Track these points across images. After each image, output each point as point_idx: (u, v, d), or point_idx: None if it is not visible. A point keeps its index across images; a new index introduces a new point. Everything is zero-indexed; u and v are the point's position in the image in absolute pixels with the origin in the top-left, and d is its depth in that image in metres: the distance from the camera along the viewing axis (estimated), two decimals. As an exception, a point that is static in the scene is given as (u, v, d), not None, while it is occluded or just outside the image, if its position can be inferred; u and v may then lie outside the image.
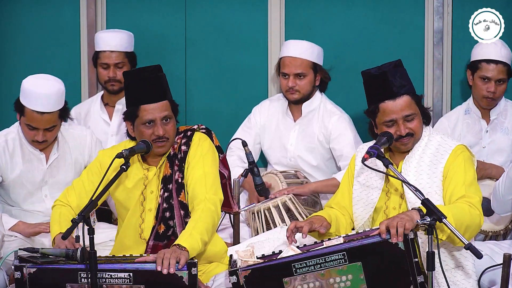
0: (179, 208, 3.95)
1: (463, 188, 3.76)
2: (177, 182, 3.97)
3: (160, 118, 3.91)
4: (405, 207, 3.85)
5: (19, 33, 5.81)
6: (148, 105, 3.91)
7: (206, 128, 4.10)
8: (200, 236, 3.70)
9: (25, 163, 4.53)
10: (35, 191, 4.58)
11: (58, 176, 4.58)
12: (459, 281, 3.81)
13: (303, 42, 5.19)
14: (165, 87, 3.99)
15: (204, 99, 5.75)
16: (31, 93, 4.36)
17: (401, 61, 3.94)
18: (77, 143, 4.62)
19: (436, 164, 3.85)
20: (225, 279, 3.75)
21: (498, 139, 5.00)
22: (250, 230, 4.80)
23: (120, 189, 4.03)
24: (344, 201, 4.03)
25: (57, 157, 4.57)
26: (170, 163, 3.99)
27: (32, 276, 3.55)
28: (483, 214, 3.75)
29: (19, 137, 4.54)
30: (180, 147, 3.99)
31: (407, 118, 3.83)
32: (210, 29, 5.73)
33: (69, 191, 4.06)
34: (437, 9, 5.48)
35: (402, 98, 3.82)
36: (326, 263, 3.46)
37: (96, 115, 5.42)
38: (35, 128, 4.40)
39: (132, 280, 3.53)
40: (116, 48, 5.32)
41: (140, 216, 4.01)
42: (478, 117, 5.04)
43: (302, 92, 5.15)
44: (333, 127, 5.14)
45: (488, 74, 4.94)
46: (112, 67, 5.29)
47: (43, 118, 4.37)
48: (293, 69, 5.13)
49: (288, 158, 5.24)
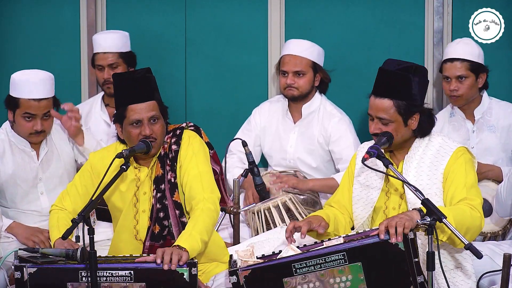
0: (174, 208, 3.95)
1: (464, 191, 3.76)
2: (170, 182, 3.96)
3: (147, 118, 3.90)
4: (405, 207, 3.85)
5: (19, 33, 5.81)
6: (136, 105, 3.90)
7: (194, 125, 4.11)
8: (200, 236, 3.69)
9: (16, 162, 4.55)
10: (30, 189, 4.59)
11: (50, 170, 4.60)
12: (459, 282, 3.81)
13: (304, 41, 5.19)
14: (153, 87, 3.98)
15: (204, 99, 5.75)
16: (24, 83, 4.42)
17: (425, 71, 3.88)
18: (58, 134, 4.67)
19: (437, 165, 3.85)
20: (225, 279, 3.75)
21: (486, 138, 5.00)
22: (250, 230, 4.80)
23: (114, 192, 4.03)
24: (344, 200, 4.03)
25: (46, 151, 4.60)
26: (161, 163, 3.98)
27: (32, 276, 3.55)
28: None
29: (8, 137, 4.56)
30: (171, 146, 3.99)
31: (381, 120, 3.83)
32: (210, 29, 5.73)
33: (64, 195, 4.08)
34: (437, 9, 5.48)
35: (382, 100, 3.80)
36: (326, 263, 3.46)
37: (96, 116, 5.42)
38: (32, 118, 4.45)
39: (133, 278, 3.53)
40: (109, 49, 5.32)
41: (134, 217, 4.01)
42: (462, 118, 5.05)
43: (300, 90, 5.14)
44: (333, 129, 5.13)
45: (446, 73, 4.99)
46: (107, 68, 5.30)
47: (40, 104, 4.44)
48: (292, 67, 5.12)
49: (287, 160, 5.24)
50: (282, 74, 5.17)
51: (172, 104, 5.57)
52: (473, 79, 4.94)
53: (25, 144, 4.56)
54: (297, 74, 5.13)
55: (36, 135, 4.50)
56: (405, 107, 3.80)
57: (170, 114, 4.08)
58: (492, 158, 4.97)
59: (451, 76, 4.95)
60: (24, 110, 4.44)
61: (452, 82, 4.94)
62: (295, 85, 5.12)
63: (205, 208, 3.81)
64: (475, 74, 4.94)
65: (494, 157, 4.98)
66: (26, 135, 4.52)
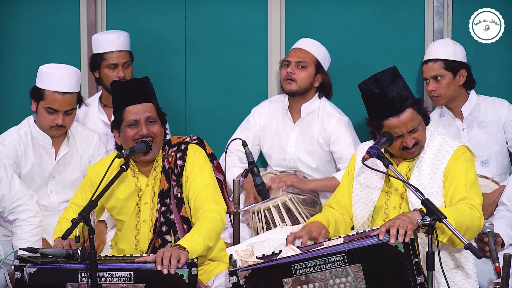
0: (182, 223, 3.97)
1: (464, 190, 3.77)
2: (176, 197, 3.98)
3: (144, 118, 3.92)
4: (406, 206, 3.85)
5: (19, 33, 5.81)
6: (132, 106, 3.93)
7: (198, 138, 4.13)
8: (202, 239, 3.70)
9: (36, 157, 4.59)
10: (42, 185, 4.63)
11: (65, 173, 4.64)
12: (459, 281, 3.81)
13: (315, 41, 5.21)
14: (149, 91, 4.01)
15: (204, 99, 5.75)
16: (51, 74, 4.51)
17: (396, 69, 3.90)
18: (84, 141, 4.71)
19: (438, 164, 3.85)
20: (225, 279, 3.75)
21: (476, 134, 5.01)
22: (250, 230, 4.80)
23: (112, 200, 4.04)
24: (344, 200, 4.03)
25: (66, 152, 4.64)
26: (166, 177, 3.99)
27: (32, 276, 3.55)
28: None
29: (30, 131, 4.61)
30: (176, 161, 4.00)
31: (412, 130, 3.84)
32: (210, 29, 5.73)
33: (68, 210, 4.12)
34: (437, 9, 5.48)
35: (405, 113, 3.83)
36: (326, 264, 3.46)
37: (94, 116, 5.42)
38: (55, 112, 4.50)
39: (132, 279, 3.53)
40: (123, 48, 5.32)
41: (135, 227, 4.01)
42: (451, 117, 5.06)
43: (299, 83, 5.12)
44: (332, 129, 5.13)
45: (424, 75, 5.03)
46: (121, 67, 5.30)
47: (64, 99, 4.50)
48: (295, 57, 5.13)
49: (287, 160, 5.24)
50: (285, 66, 5.16)
51: (172, 104, 5.59)
52: (450, 77, 4.95)
53: (46, 140, 4.61)
54: (299, 66, 5.12)
55: (56, 128, 4.55)
56: (419, 106, 3.87)
57: (170, 115, 4.08)
58: (484, 154, 4.98)
59: (428, 77, 4.98)
60: (48, 103, 4.50)
61: (430, 83, 4.97)
62: (295, 76, 5.11)
63: (210, 216, 3.84)
64: (452, 72, 4.95)
65: (487, 152, 4.99)
66: (47, 128, 4.57)
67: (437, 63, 4.95)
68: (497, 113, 5.00)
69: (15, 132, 4.62)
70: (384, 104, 3.82)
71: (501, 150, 5.01)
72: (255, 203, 4.83)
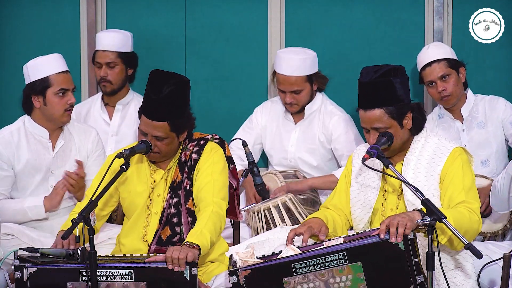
0: (187, 215, 3.97)
1: (462, 193, 3.76)
2: (185, 189, 3.98)
3: (152, 135, 3.91)
4: (403, 207, 3.85)
5: (19, 33, 5.81)
6: (147, 119, 3.91)
7: (220, 138, 4.11)
8: (209, 234, 3.72)
9: (31, 152, 4.55)
10: (42, 181, 4.60)
11: (64, 167, 4.59)
12: (459, 281, 3.81)
13: (294, 58, 5.12)
14: (170, 107, 3.89)
15: (204, 99, 5.75)
16: (44, 61, 4.52)
17: (403, 69, 3.88)
18: (82, 135, 4.66)
19: (434, 166, 3.84)
20: (225, 279, 3.76)
21: (476, 134, 5.02)
22: (250, 230, 4.81)
23: (130, 192, 4.04)
24: (341, 203, 4.01)
25: (62, 144, 4.60)
26: (180, 169, 4.00)
27: (32, 276, 3.55)
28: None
29: (25, 128, 4.57)
30: (192, 154, 4.01)
31: (377, 130, 3.83)
32: (210, 29, 5.73)
33: (82, 203, 4.08)
34: (437, 9, 5.48)
35: (373, 111, 3.81)
36: (326, 263, 3.46)
37: (96, 115, 5.43)
38: (66, 92, 4.50)
39: (133, 277, 3.54)
40: (108, 48, 5.32)
41: (145, 219, 4.02)
42: (451, 118, 5.06)
43: (301, 105, 5.17)
44: (334, 127, 5.14)
45: (429, 78, 4.97)
46: (104, 66, 5.30)
47: (68, 76, 4.54)
48: (288, 87, 5.12)
49: (288, 159, 5.24)
50: (280, 91, 5.18)
51: (172, 104, 5.58)
52: (455, 75, 4.95)
53: (43, 134, 4.57)
54: (294, 93, 5.13)
55: (70, 110, 4.54)
56: (396, 111, 3.80)
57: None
58: (484, 153, 4.99)
59: (434, 78, 4.94)
60: (58, 86, 4.49)
61: (438, 84, 4.93)
62: (295, 102, 5.14)
63: (214, 210, 3.83)
64: (456, 70, 4.95)
65: (487, 151, 5.00)
66: (61, 113, 4.52)
67: (441, 62, 4.94)
68: (496, 111, 5.01)
69: (6, 130, 4.59)
70: (363, 92, 3.84)
71: (501, 149, 5.02)
72: (255, 203, 4.83)
